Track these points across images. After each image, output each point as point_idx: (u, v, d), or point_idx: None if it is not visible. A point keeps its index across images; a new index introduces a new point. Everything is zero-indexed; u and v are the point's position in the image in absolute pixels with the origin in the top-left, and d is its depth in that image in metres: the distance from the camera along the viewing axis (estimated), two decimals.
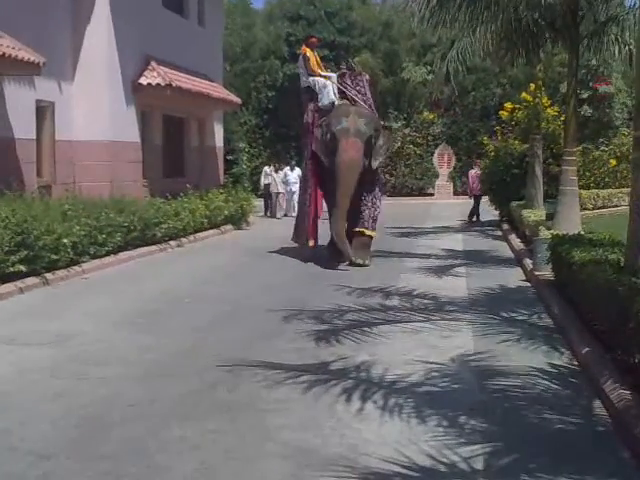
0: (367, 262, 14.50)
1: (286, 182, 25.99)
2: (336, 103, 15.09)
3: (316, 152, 14.87)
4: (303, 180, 16.49)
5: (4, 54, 13.53)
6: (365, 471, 5.03)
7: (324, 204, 15.58)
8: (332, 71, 16.68)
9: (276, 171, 26.61)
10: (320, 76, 15.40)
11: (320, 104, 15.23)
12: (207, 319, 9.86)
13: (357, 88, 15.53)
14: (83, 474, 5.04)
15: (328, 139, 14.58)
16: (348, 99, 15.31)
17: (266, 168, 27.27)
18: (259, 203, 25.47)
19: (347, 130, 14.41)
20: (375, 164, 14.98)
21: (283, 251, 16.12)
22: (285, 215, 25.35)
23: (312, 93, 15.49)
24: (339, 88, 15.36)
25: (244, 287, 12.46)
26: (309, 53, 15.61)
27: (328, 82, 15.24)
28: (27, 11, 15.84)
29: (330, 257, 14.90)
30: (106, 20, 18.32)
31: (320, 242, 15.58)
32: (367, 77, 16.21)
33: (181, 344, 8.56)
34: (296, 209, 18.44)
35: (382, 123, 15.94)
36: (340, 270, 13.96)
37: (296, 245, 15.89)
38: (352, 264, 14.26)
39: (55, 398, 6.61)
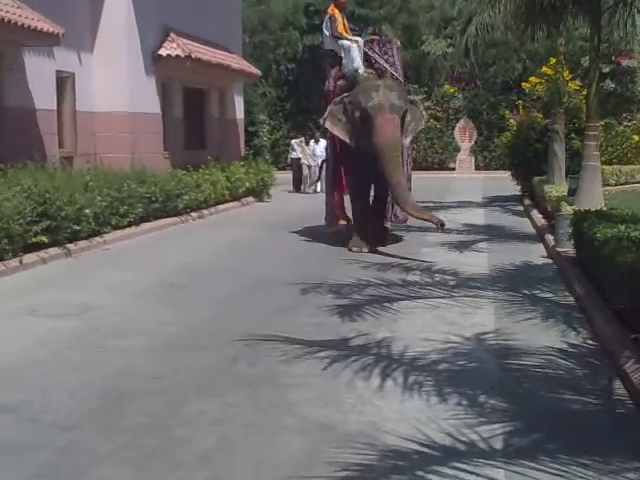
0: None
1: (314, 155, 25.71)
2: (361, 72, 13.65)
3: (335, 134, 13.55)
4: (328, 156, 15.57)
5: (23, 25, 13.51)
6: (384, 448, 5.02)
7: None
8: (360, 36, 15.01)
9: (307, 143, 26.46)
10: (346, 39, 13.99)
11: (345, 70, 13.91)
12: (227, 292, 9.89)
13: (385, 57, 14.32)
14: (105, 445, 5.08)
15: (358, 117, 13.07)
16: (375, 69, 14.02)
17: (294, 141, 27.13)
18: (281, 176, 25.29)
19: (382, 106, 12.84)
20: (406, 142, 13.68)
21: (304, 225, 16.02)
22: (316, 191, 24.49)
23: (336, 58, 14.12)
24: (366, 55, 14.05)
25: (264, 260, 12.48)
26: (337, 14, 14.19)
27: (354, 45, 13.80)
28: None
29: (356, 238, 13.62)
30: None
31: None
32: (398, 44, 15.01)
33: (202, 317, 8.60)
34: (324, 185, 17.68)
35: (409, 97, 14.47)
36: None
37: (322, 220, 15.03)
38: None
39: (75, 370, 6.67)
